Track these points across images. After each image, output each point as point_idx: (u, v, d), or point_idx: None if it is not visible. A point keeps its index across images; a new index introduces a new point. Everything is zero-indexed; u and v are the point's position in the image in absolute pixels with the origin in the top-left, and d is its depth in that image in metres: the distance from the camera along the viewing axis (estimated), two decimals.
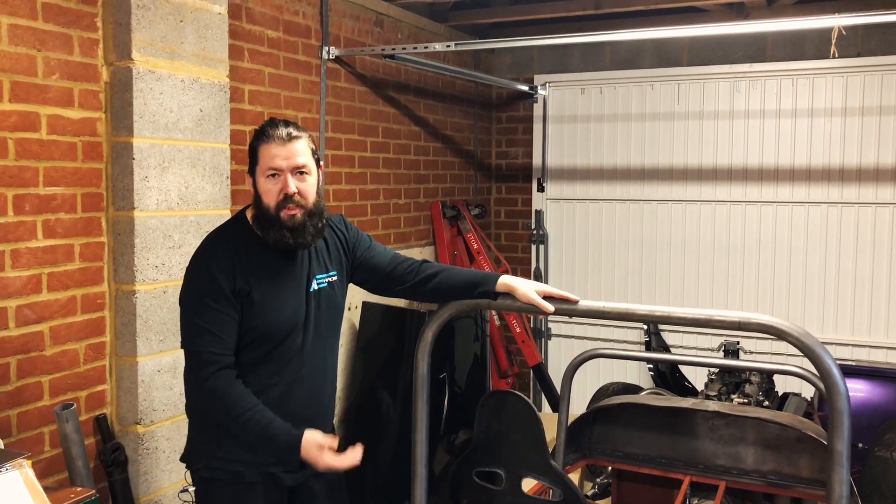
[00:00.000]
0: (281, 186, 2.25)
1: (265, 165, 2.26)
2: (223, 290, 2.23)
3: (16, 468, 2.05)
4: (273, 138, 2.25)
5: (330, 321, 2.43)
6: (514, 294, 2.21)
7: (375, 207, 5.02)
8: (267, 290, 2.28)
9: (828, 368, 1.69)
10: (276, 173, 2.25)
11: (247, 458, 2.31)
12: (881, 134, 5.24)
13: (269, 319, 2.27)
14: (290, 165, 2.25)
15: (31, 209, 2.81)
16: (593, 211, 6.14)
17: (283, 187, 2.25)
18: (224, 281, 2.23)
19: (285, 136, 2.25)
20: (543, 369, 5.80)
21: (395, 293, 2.51)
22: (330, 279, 2.41)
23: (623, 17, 5.55)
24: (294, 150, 2.25)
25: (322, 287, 2.38)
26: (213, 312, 2.22)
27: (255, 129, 2.31)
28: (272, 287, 2.29)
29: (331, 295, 2.41)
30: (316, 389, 2.40)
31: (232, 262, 2.27)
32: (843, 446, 1.68)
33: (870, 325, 5.37)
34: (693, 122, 5.76)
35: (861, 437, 3.99)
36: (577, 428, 3.29)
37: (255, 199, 2.31)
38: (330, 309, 2.41)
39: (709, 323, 1.88)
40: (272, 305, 2.28)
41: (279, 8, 4.10)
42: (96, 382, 3.08)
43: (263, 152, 2.26)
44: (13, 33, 2.72)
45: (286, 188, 2.24)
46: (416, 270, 2.42)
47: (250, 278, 2.26)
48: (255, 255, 2.29)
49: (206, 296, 2.23)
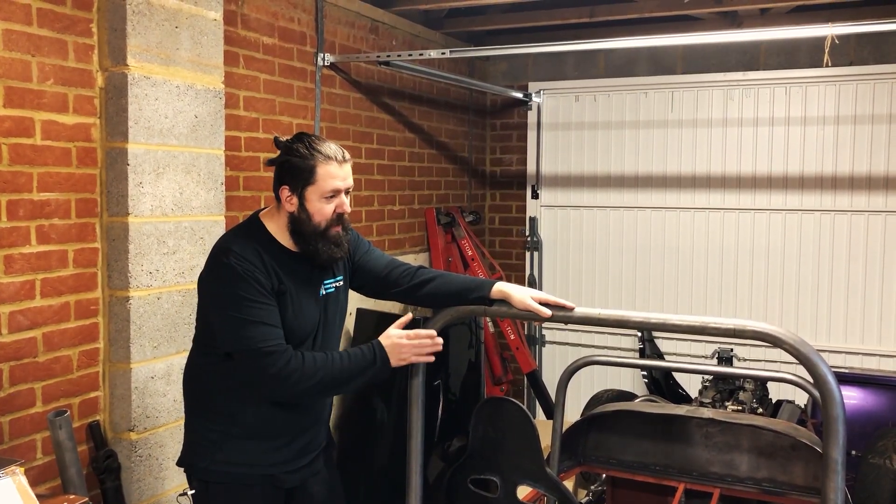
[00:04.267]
0: (336, 207, 2.30)
1: (326, 187, 2.26)
2: (265, 286, 2.23)
3: (8, 475, 2.04)
4: (333, 159, 2.27)
5: (336, 326, 2.48)
6: (510, 300, 2.22)
7: (370, 214, 5.02)
8: (295, 293, 2.31)
9: (823, 376, 1.70)
10: (334, 194, 2.28)
11: (247, 460, 2.33)
12: (873, 142, 5.27)
13: (295, 321, 2.29)
14: (347, 186, 2.31)
15: (25, 215, 2.80)
16: (588, 218, 6.15)
17: (339, 208, 2.31)
18: (263, 278, 2.23)
19: (342, 157, 2.29)
20: (538, 376, 5.80)
21: (391, 296, 2.52)
22: (337, 284, 2.45)
23: (617, 25, 5.58)
24: (349, 170, 2.32)
25: (330, 292, 2.42)
26: (262, 306, 2.20)
27: (299, 146, 2.28)
28: (298, 290, 2.32)
29: (337, 299, 2.46)
30: None
31: (266, 263, 2.27)
32: (837, 453, 1.68)
33: (863, 333, 5.39)
34: (687, 129, 5.78)
35: (855, 444, 4.00)
36: (571, 435, 3.28)
37: (300, 216, 2.29)
38: (337, 313, 2.46)
39: (704, 330, 1.89)
40: (298, 308, 2.31)
41: (274, 14, 4.11)
42: (89, 389, 3.06)
43: (323, 173, 2.26)
44: (8, 38, 2.72)
45: (343, 209, 2.31)
46: (411, 274, 2.46)
47: (285, 280, 2.29)
48: (278, 259, 2.30)
49: (251, 291, 2.20)
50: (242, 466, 2.33)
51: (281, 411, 2.33)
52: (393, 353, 2.25)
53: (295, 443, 2.39)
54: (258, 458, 2.33)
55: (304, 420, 2.39)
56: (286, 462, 2.37)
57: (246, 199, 3.91)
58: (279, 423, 2.34)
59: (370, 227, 5.01)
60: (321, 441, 2.50)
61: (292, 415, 2.36)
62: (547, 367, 6.23)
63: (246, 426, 2.33)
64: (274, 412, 2.33)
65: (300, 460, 2.41)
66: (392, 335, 2.28)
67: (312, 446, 2.45)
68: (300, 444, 2.40)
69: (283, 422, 2.35)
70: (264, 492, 2.36)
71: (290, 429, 2.37)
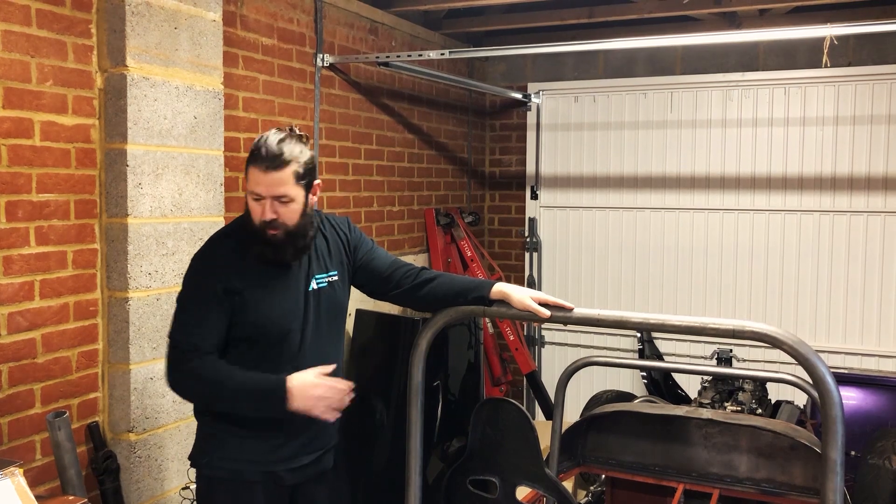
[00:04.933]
0: (261, 211, 2.26)
1: (250, 188, 2.28)
2: (212, 288, 2.27)
3: (7, 476, 2.04)
4: (259, 163, 2.23)
5: (332, 321, 2.46)
6: (510, 301, 2.21)
7: (369, 214, 5.02)
8: (263, 289, 2.31)
9: (822, 376, 1.70)
10: (258, 197, 2.26)
11: (249, 457, 2.34)
12: (872, 143, 5.27)
13: (263, 317, 2.30)
14: (270, 194, 2.24)
15: (24, 216, 2.80)
16: (587, 219, 6.15)
17: (262, 214, 2.26)
18: (214, 279, 2.28)
19: (267, 166, 2.21)
20: (537, 377, 5.80)
21: (391, 298, 2.52)
22: (330, 279, 2.44)
23: (616, 25, 5.58)
24: (274, 180, 2.22)
25: (322, 287, 2.41)
26: (198, 306, 2.28)
27: (258, 139, 2.29)
28: (268, 286, 2.32)
29: (331, 295, 2.44)
30: None
31: (227, 260, 2.31)
32: (836, 454, 1.68)
33: (861, 334, 5.39)
34: (686, 130, 5.78)
35: (854, 445, 4.01)
36: (570, 436, 3.28)
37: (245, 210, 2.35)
38: (331, 309, 2.44)
39: (703, 331, 1.89)
40: (267, 303, 2.31)
41: (274, 15, 4.11)
42: (88, 390, 3.06)
43: (250, 174, 2.26)
44: (7, 39, 2.72)
45: (264, 215, 2.25)
46: (413, 275, 2.45)
47: (246, 277, 2.30)
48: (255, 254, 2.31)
49: (194, 292, 2.31)
50: (243, 463, 2.35)
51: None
52: (297, 396, 2.20)
53: (294, 441, 2.38)
54: (258, 455, 2.35)
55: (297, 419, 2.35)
56: (286, 460, 2.38)
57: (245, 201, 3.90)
58: (273, 422, 2.34)
59: (370, 228, 5.01)
60: (327, 441, 2.48)
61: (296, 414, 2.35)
62: (546, 367, 6.23)
63: (243, 423, 2.34)
64: None
65: (301, 459, 2.41)
66: (307, 380, 2.23)
67: (315, 445, 2.44)
68: (300, 443, 2.40)
69: (277, 420, 2.34)
70: (265, 489, 2.37)
71: (285, 427, 2.36)
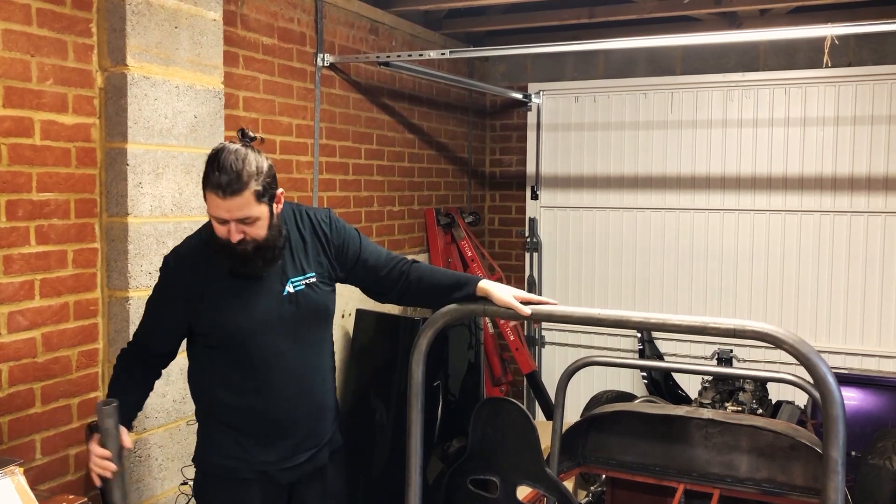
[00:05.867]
0: (226, 232, 2.19)
1: (210, 212, 2.19)
2: (172, 292, 2.32)
3: (7, 475, 2.04)
4: (215, 189, 2.13)
5: (312, 324, 2.39)
6: (492, 298, 2.18)
7: (369, 214, 5.02)
8: (230, 295, 2.28)
9: (823, 376, 1.69)
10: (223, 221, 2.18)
11: (241, 455, 2.35)
12: (872, 143, 5.27)
13: (230, 323, 2.27)
14: (233, 218, 2.16)
15: (24, 215, 2.80)
16: (587, 219, 6.15)
17: (229, 236, 2.18)
18: (179, 282, 2.31)
19: (225, 192, 2.11)
20: (537, 377, 5.79)
21: (386, 300, 2.51)
22: (307, 281, 2.36)
23: (616, 26, 5.58)
24: (234, 205, 2.13)
25: (299, 289, 2.34)
26: (155, 306, 2.39)
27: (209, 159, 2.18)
28: (236, 292, 2.29)
29: (310, 297, 2.36)
30: (303, 394, 2.37)
31: (194, 261, 2.31)
32: (838, 453, 1.68)
33: (862, 334, 5.39)
34: (686, 130, 5.78)
35: (854, 445, 4.00)
36: (571, 436, 3.28)
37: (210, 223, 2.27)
38: (311, 312, 2.37)
39: (704, 330, 1.88)
40: (233, 307, 2.28)
41: (274, 15, 4.11)
42: (89, 390, 3.06)
43: (208, 199, 2.16)
44: (7, 38, 2.72)
45: (230, 237, 2.18)
46: (406, 274, 2.42)
47: (213, 283, 2.28)
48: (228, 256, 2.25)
49: (157, 293, 2.39)
50: (237, 461, 2.35)
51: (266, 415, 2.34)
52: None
53: (287, 441, 2.37)
54: (250, 454, 2.35)
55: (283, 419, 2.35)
56: (280, 460, 2.37)
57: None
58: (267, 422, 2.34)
59: (370, 228, 5.01)
60: (321, 438, 2.45)
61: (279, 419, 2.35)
62: (546, 368, 6.23)
63: (237, 424, 2.35)
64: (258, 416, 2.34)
65: (296, 458, 2.39)
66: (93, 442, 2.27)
67: (308, 444, 2.42)
68: (293, 442, 2.38)
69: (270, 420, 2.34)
70: (261, 487, 2.37)
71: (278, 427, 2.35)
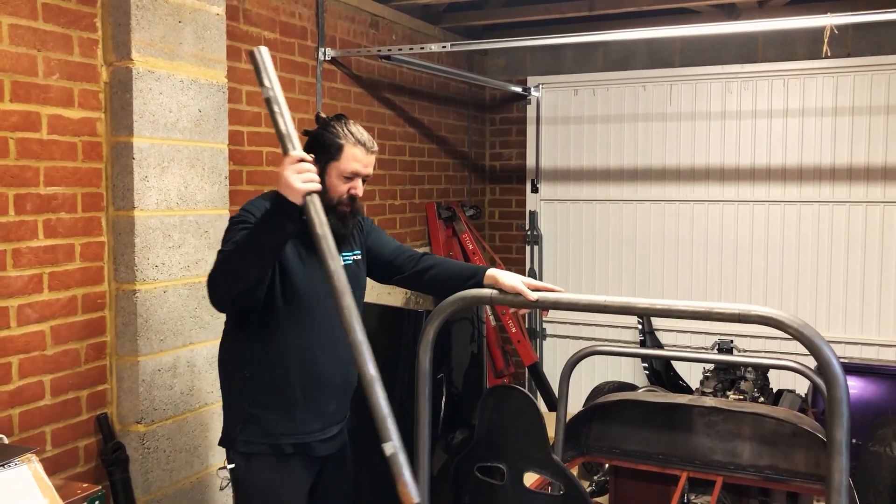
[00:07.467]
0: (350, 188, 2.41)
1: (348, 168, 2.39)
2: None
3: (24, 463, 2.06)
4: (361, 144, 2.40)
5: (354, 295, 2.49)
6: (499, 284, 2.23)
7: (371, 208, 5.04)
8: (301, 254, 2.40)
9: (827, 359, 1.72)
10: (353, 177, 2.40)
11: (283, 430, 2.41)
12: (871, 133, 5.30)
13: (300, 278, 2.39)
14: (366, 173, 2.43)
15: (32, 209, 2.82)
16: (587, 212, 6.17)
17: (353, 189, 2.42)
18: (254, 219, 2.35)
19: (369, 148, 2.42)
20: (539, 369, 5.82)
21: (395, 282, 2.66)
22: (355, 258, 2.56)
23: (615, 18, 5.59)
24: (373, 160, 2.45)
25: (348, 263, 2.51)
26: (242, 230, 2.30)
27: (336, 125, 2.41)
28: (305, 253, 2.41)
29: (356, 272, 2.54)
30: (342, 363, 2.47)
31: None
32: (842, 435, 1.70)
33: (862, 323, 5.42)
34: (685, 122, 5.80)
35: (855, 433, 4.03)
36: (574, 425, 3.31)
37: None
38: (356, 287, 2.49)
39: (709, 315, 1.90)
40: (305, 268, 2.40)
41: (276, 9, 4.12)
42: (97, 382, 3.08)
43: (349, 154, 2.38)
44: (14, 33, 2.73)
45: (356, 191, 2.42)
46: (416, 261, 2.59)
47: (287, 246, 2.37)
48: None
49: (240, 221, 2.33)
50: (279, 437, 2.41)
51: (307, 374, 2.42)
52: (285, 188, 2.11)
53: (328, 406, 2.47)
54: (292, 428, 2.41)
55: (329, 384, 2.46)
56: (318, 430, 2.46)
57: (249, 194, 3.89)
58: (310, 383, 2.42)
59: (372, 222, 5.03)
60: (345, 413, 2.58)
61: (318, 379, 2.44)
62: (548, 360, 6.26)
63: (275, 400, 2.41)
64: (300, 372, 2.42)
65: (330, 430, 2.50)
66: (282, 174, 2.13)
67: (338, 417, 2.53)
68: (328, 412, 2.48)
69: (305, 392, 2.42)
70: (302, 462, 2.45)
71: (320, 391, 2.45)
